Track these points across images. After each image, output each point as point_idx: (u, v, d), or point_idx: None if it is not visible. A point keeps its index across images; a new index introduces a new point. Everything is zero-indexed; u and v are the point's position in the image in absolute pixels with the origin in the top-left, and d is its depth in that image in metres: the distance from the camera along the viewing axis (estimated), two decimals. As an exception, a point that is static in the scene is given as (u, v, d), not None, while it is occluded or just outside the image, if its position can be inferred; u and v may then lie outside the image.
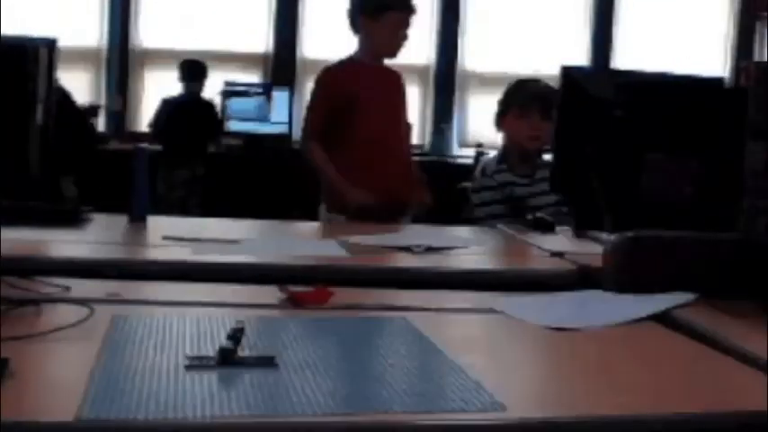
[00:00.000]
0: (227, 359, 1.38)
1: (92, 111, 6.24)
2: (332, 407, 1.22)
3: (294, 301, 1.82)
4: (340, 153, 3.54)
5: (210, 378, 1.30)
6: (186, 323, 1.62)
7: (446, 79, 7.43)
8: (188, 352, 1.43)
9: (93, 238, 2.59)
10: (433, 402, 1.28)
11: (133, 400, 1.19)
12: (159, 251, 2.40)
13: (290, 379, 1.32)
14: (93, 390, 1.22)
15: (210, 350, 1.43)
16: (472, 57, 7.49)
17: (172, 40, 7.09)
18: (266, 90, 6.99)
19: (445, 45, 7.41)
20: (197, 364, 1.37)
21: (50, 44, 2.68)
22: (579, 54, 7.59)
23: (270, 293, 1.97)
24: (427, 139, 7.41)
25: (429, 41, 7.37)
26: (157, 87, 7.06)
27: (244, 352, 1.42)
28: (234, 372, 1.33)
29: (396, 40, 3.60)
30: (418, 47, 7.40)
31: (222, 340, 1.46)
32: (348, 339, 1.59)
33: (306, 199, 6.37)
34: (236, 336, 1.44)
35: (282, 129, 6.93)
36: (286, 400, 1.23)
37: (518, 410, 1.25)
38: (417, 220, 3.67)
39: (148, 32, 7.08)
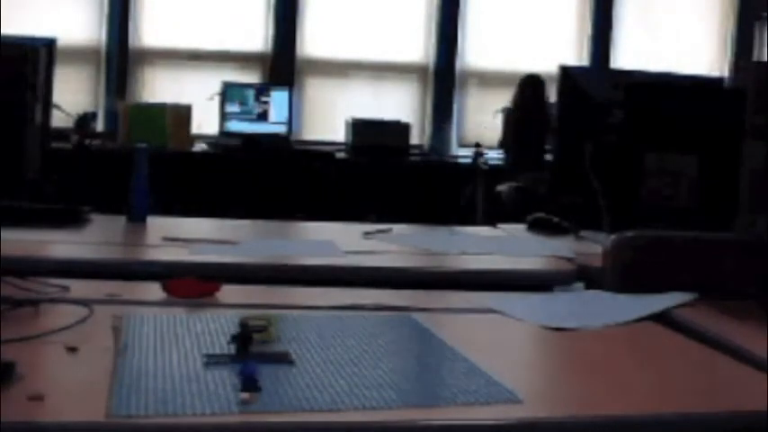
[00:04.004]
0: (244, 355, 1.40)
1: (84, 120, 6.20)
2: (354, 403, 1.23)
3: (168, 291, 1.81)
4: None
5: (230, 374, 1.31)
6: (191, 322, 1.62)
7: (445, 78, 7.43)
8: (201, 350, 1.44)
9: (92, 238, 2.58)
10: (451, 396, 1.29)
11: (159, 399, 1.20)
12: (159, 251, 2.40)
13: (309, 375, 1.34)
14: (119, 389, 1.22)
15: (221, 348, 1.45)
16: (471, 55, 7.49)
17: (170, 40, 7.08)
18: (265, 90, 6.99)
19: (444, 44, 7.40)
20: (214, 361, 1.38)
21: (49, 44, 2.68)
22: (579, 53, 7.59)
23: (269, 293, 1.97)
24: (426, 139, 7.40)
25: (428, 40, 7.37)
26: (155, 87, 7.06)
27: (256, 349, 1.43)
28: (252, 368, 1.32)
29: None
30: (417, 45, 7.41)
31: (229, 338, 1.46)
32: (358, 337, 1.59)
33: (305, 199, 6.39)
34: (245, 333, 1.44)
35: (281, 129, 6.92)
36: (309, 395, 1.24)
37: (519, 409, 1.25)
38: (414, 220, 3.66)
39: (147, 32, 7.08)
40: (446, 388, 1.35)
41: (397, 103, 7.33)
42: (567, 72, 2.98)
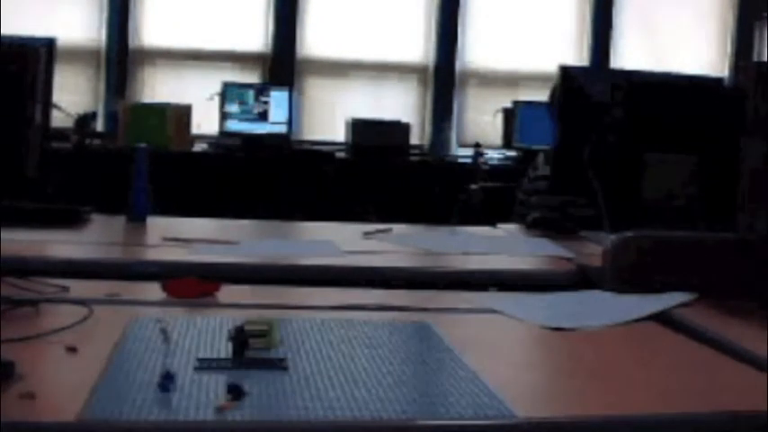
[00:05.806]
0: (238, 360, 1.39)
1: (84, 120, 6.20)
2: (344, 410, 1.21)
3: (168, 291, 1.82)
4: None
5: (220, 379, 1.29)
6: (190, 324, 1.62)
7: (445, 78, 7.43)
8: (196, 353, 1.43)
9: (92, 238, 2.58)
10: (441, 407, 1.28)
11: (139, 402, 1.19)
12: (158, 251, 2.40)
13: (300, 381, 1.32)
14: (100, 391, 1.22)
15: (218, 351, 1.44)
16: (471, 55, 7.49)
17: (170, 40, 7.08)
18: (265, 90, 6.99)
19: (444, 44, 7.40)
20: (206, 366, 1.36)
21: (49, 44, 2.68)
22: (579, 53, 7.59)
23: (269, 293, 1.97)
24: (427, 139, 7.40)
25: (428, 40, 7.37)
26: (155, 87, 7.06)
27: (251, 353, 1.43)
28: (244, 373, 1.32)
29: None
30: (417, 45, 7.41)
31: (225, 341, 1.45)
32: (360, 342, 1.58)
33: (305, 199, 6.39)
34: (241, 338, 1.43)
35: (281, 129, 6.92)
36: (299, 402, 1.23)
37: (519, 410, 1.25)
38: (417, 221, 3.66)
39: (147, 32, 7.08)
40: (441, 401, 1.31)
41: (397, 103, 7.33)
42: (567, 72, 2.98)
